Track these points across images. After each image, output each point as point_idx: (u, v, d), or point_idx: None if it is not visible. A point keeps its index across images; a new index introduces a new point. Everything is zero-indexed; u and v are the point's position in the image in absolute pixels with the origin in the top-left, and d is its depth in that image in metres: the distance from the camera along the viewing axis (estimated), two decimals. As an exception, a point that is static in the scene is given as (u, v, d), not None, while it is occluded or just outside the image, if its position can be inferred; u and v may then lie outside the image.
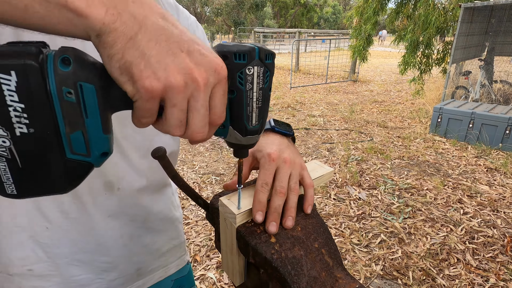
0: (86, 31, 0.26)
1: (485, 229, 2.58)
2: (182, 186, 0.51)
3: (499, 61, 6.68)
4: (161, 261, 0.76)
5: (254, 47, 0.34)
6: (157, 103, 0.29)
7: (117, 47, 0.26)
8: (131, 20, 0.27)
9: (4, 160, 0.27)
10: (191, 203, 2.98)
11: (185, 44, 0.29)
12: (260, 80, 0.35)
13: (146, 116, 0.30)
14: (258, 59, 0.34)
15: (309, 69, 11.87)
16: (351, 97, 7.78)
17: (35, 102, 0.26)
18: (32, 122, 0.26)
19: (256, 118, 0.37)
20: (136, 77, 0.27)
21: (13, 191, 0.28)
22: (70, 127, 0.27)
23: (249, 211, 0.47)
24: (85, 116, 0.28)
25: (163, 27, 0.28)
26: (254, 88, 0.35)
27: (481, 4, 5.25)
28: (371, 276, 2.13)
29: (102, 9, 0.26)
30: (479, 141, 4.28)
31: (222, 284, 2.07)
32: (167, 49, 0.28)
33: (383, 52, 22.57)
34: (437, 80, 7.84)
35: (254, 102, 0.36)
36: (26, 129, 0.26)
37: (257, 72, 0.34)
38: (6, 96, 0.25)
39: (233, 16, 27.35)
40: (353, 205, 2.97)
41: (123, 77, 0.28)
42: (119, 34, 0.26)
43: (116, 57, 0.27)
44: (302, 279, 0.41)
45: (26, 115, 0.26)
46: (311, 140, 4.67)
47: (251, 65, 0.33)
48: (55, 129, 0.27)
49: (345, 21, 11.14)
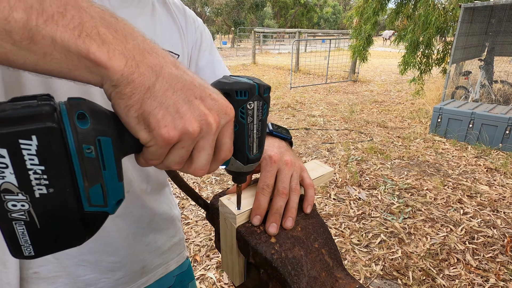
0: (102, 79, 0.26)
1: (485, 229, 2.58)
2: (182, 186, 0.51)
3: (499, 61, 6.69)
4: (162, 258, 0.78)
5: (254, 84, 0.36)
6: (169, 148, 0.30)
7: (135, 98, 0.27)
8: (148, 71, 0.27)
9: (22, 224, 0.26)
10: (191, 203, 2.98)
11: (197, 91, 0.31)
12: (259, 112, 0.37)
13: (156, 159, 0.31)
14: (257, 94, 0.36)
15: (309, 69, 11.87)
16: (351, 97, 7.78)
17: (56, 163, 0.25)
18: (52, 182, 0.26)
19: (257, 148, 0.40)
20: (153, 126, 0.28)
21: (30, 253, 0.28)
22: (89, 182, 0.27)
23: (249, 212, 0.47)
24: (103, 168, 0.28)
25: (177, 76, 0.29)
26: (255, 121, 0.37)
27: (481, 4, 5.25)
28: (371, 276, 2.13)
29: (122, 61, 0.26)
30: (479, 141, 4.28)
31: (222, 284, 2.07)
32: (183, 97, 0.29)
33: (383, 52, 22.58)
34: (437, 80, 7.84)
35: (254, 133, 0.38)
36: (45, 190, 0.26)
37: (257, 106, 0.37)
38: (26, 161, 0.24)
39: (233, 16, 27.35)
40: (353, 205, 2.98)
41: (140, 126, 0.28)
42: (137, 85, 0.27)
43: (135, 108, 0.27)
44: (302, 279, 0.41)
45: (46, 176, 0.25)
46: (311, 140, 4.67)
47: (251, 101, 0.36)
48: (74, 186, 0.27)
49: (345, 21, 11.15)
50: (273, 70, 12.71)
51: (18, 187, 0.25)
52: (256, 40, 16.86)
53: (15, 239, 0.26)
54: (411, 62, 6.60)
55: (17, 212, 0.25)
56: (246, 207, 0.47)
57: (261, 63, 15.03)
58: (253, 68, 13.20)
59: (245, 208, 0.47)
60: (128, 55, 0.27)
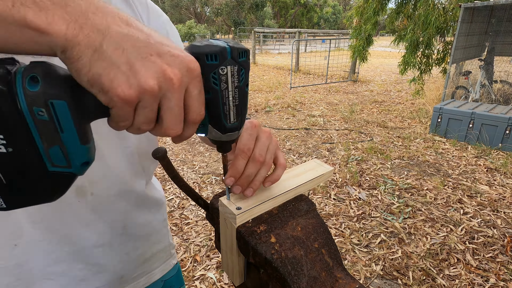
0: (51, 48, 0.26)
1: (485, 229, 2.58)
2: (182, 186, 0.51)
3: (499, 61, 6.69)
4: (144, 267, 0.73)
5: (226, 47, 0.33)
6: (133, 107, 0.29)
7: (83, 60, 0.26)
8: (93, 31, 0.26)
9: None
10: (191, 203, 2.98)
11: (152, 47, 0.29)
12: (235, 79, 0.35)
13: (123, 120, 0.30)
14: (230, 58, 0.34)
15: (309, 69, 11.87)
16: (351, 97, 7.78)
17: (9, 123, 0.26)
18: (9, 142, 0.27)
19: (234, 116, 0.37)
20: (107, 87, 0.27)
21: (1, 204, 0.29)
22: (47, 143, 0.28)
23: (250, 211, 0.47)
24: (60, 131, 0.28)
25: (127, 34, 0.28)
26: (229, 87, 0.35)
27: (481, 4, 5.25)
28: (371, 276, 2.13)
29: (63, 25, 0.25)
30: (479, 141, 4.28)
31: (222, 284, 2.07)
32: (135, 55, 0.28)
33: (383, 52, 22.58)
34: (437, 80, 7.84)
35: (230, 101, 0.36)
36: (4, 149, 0.27)
37: (231, 72, 0.34)
38: None
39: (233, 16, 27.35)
40: (353, 205, 2.98)
41: (94, 89, 0.28)
42: (83, 48, 0.26)
43: (84, 71, 0.27)
44: (302, 279, 0.41)
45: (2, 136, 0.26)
46: (311, 140, 4.67)
47: (223, 65, 0.33)
48: (33, 146, 0.28)
49: (345, 21, 11.14)
50: (273, 70, 12.71)
51: None
52: (256, 40, 16.86)
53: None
54: (411, 62, 6.60)
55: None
56: (247, 207, 0.47)
57: (261, 63, 15.04)
58: (253, 68, 13.20)
59: (246, 208, 0.47)
60: (69, 19, 0.26)
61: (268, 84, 9.16)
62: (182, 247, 2.42)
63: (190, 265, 2.23)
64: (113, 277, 0.66)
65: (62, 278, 0.59)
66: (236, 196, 0.49)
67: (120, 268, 0.67)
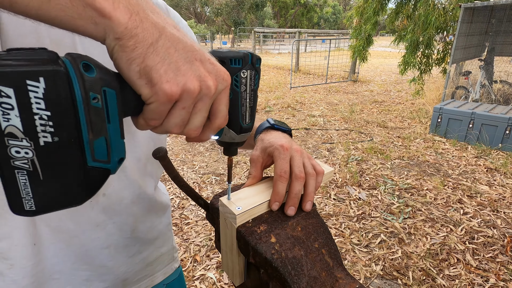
0: (105, 32, 0.27)
1: (485, 229, 2.58)
2: (183, 186, 0.51)
3: (499, 61, 6.69)
4: (147, 270, 0.74)
5: (248, 53, 0.37)
6: (171, 105, 0.31)
7: (138, 51, 0.27)
8: (152, 27, 0.28)
9: (25, 173, 0.25)
10: (191, 203, 2.98)
11: (197, 54, 0.31)
12: (252, 82, 0.39)
13: (157, 118, 0.31)
14: (250, 63, 0.38)
15: (309, 69, 11.87)
16: (351, 97, 7.78)
17: (62, 109, 0.25)
18: (57, 130, 0.25)
19: (249, 117, 0.41)
20: (156, 80, 0.28)
21: (31, 207, 0.26)
22: (94, 134, 0.27)
23: (250, 211, 0.47)
24: (107, 121, 0.28)
25: (178, 37, 0.30)
26: (248, 89, 0.39)
27: (481, 4, 5.25)
28: (371, 276, 2.13)
29: (126, 14, 0.27)
30: (479, 141, 4.28)
31: (222, 284, 2.07)
32: (184, 56, 0.30)
33: (383, 52, 22.58)
34: (437, 80, 7.84)
35: (247, 102, 0.39)
36: (50, 138, 0.25)
37: (250, 75, 0.38)
38: (32, 104, 0.23)
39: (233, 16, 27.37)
40: (353, 205, 2.98)
41: (141, 81, 0.28)
42: (141, 39, 0.27)
43: (137, 61, 0.27)
44: (302, 279, 0.41)
45: (51, 123, 0.24)
46: (311, 140, 4.67)
47: (245, 69, 0.37)
48: (79, 136, 0.26)
49: (345, 21, 11.15)
50: (273, 70, 12.71)
51: (23, 132, 0.24)
52: (256, 40, 16.86)
53: (16, 191, 0.25)
54: (411, 62, 6.61)
55: (20, 160, 0.24)
56: (247, 207, 0.47)
57: (261, 63, 15.02)
58: (253, 68, 13.19)
59: (246, 207, 0.47)
60: (132, 10, 0.27)
61: (268, 84, 9.16)
62: (182, 247, 2.42)
63: (190, 265, 2.23)
64: (116, 279, 0.67)
65: (67, 278, 0.59)
66: (236, 196, 0.49)
67: (123, 271, 0.67)
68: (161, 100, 0.29)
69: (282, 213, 0.49)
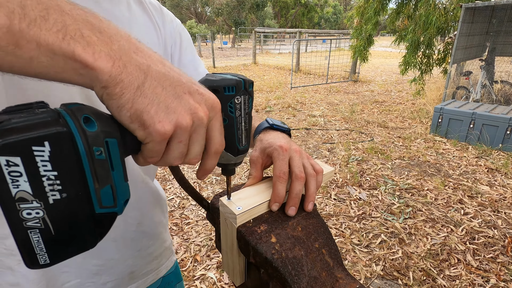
0: (91, 81, 0.27)
1: (485, 230, 2.58)
2: (187, 188, 0.51)
3: (500, 61, 6.68)
4: (153, 264, 0.76)
5: (240, 80, 0.38)
6: (166, 143, 0.31)
7: (126, 97, 0.27)
8: (136, 70, 0.28)
9: (37, 232, 0.26)
10: (191, 203, 2.98)
11: (185, 87, 0.32)
12: (246, 106, 0.40)
13: (155, 155, 0.32)
14: (243, 89, 0.39)
15: (310, 69, 11.87)
16: (351, 97, 7.77)
17: (68, 167, 0.25)
18: (65, 187, 0.26)
19: (245, 139, 0.42)
20: (148, 123, 0.29)
21: (46, 261, 0.27)
22: (100, 184, 0.28)
23: (250, 211, 0.47)
24: (111, 169, 0.28)
25: (164, 73, 0.30)
26: (242, 114, 0.40)
27: (482, 4, 5.24)
28: (371, 276, 2.13)
29: (109, 62, 0.27)
30: (480, 141, 4.28)
31: (223, 284, 2.08)
32: (173, 93, 0.30)
33: (383, 52, 22.57)
34: (437, 80, 7.83)
35: (243, 126, 0.41)
36: (59, 195, 0.26)
37: (243, 100, 0.39)
38: (39, 168, 0.24)
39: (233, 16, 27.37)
40: (353, 205, 2.97)
41: (134, 125, 0.29)
42: (126, 85, 0.27)
43: (126, 107, 0.28)
44: (302, 279, 0.41)
45: (59, 181, 0.25)
46: (312, 140, 4.67)
47: (238, 95, 0.38)
48: (85, 189, 0.27)
49: (346, 21, 11.14)
50: (273, 70, 12.71)
51: (32, 194, 0.24)
52: (256, 40, 16.86)
53: (30, 249, 0.26)
54: (412, 62, 6.60)
55: (32, 220, 0.25)
56: (247, 207, 0.47)
57: (262, 63, 15.04)
58: (254, 68, 13.20)
59: (246, 207, 0.47)
60: (115, 56, 0.27)
61: (269, 84, 9.16)
62: (182, 247, 2.42)
63: (191, 265, 2.23)
64: (124, 272, 0.68)
65: (76, 271, 0.61)
66: (237, 196, 0.49)
67: (130, 264, 0.69)
68: (156, 140, 0.30)
69: (283, 213, 0.49)
